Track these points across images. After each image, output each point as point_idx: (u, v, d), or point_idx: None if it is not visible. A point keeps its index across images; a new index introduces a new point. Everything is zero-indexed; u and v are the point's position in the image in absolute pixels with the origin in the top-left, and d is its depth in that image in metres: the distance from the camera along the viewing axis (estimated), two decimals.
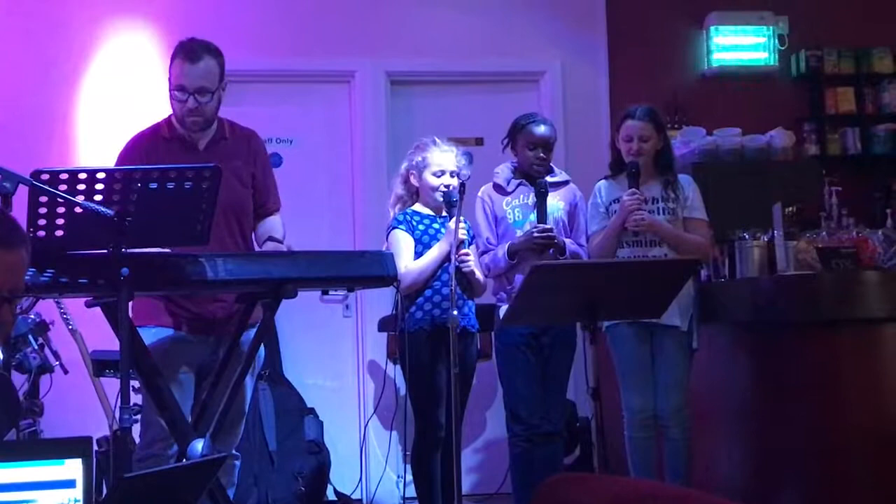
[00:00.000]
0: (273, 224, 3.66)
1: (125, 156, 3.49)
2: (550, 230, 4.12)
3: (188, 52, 3.44)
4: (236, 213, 3.52)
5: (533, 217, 4.20)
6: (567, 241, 4.22)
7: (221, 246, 3.31)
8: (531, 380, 4.15)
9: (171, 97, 3.48)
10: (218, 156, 3.49)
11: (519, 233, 4.20)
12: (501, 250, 4.18)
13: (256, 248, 3.63)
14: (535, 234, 4.10)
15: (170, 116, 3.57)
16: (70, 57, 5.51)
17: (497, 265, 4.19)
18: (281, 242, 3.56)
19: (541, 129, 4.27)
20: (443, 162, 4.09)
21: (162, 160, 3.38)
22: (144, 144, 3.51)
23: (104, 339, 3.76)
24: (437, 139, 4.16)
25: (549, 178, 4.25)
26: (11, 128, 5.31)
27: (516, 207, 4.27)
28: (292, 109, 5.78)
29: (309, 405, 5.29)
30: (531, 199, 4.23)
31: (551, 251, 4.14)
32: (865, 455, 3.56)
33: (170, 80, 3.48)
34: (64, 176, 2.70)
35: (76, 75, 5.52)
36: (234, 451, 3.52)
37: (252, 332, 3.41)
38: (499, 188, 4.31)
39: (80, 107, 5.51)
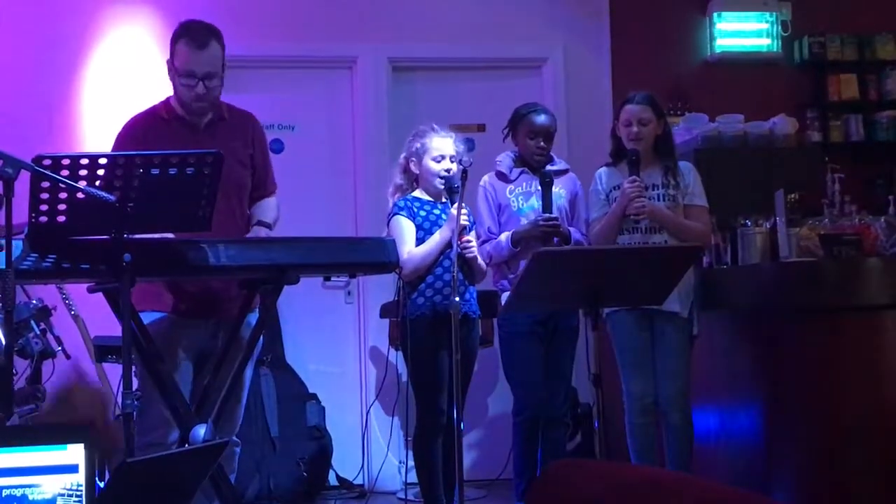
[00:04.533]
0: (266, 207, 3.65)
1: (122, 139, 3.47)
2: (556, 220, 4.13)
3: (195, 36, 3.41)
4: (238, 194, 3.52)
5: (535, 203, 4.20)
6: (571, 229, 4.23)
7: (222, 227, 3.30)
8: (536, 367, 4.17)
9: (178, 82, 3.45)
10: (218, 136, 3.49)
11: (522, 220, 4.21)
12: (505, 237, 4.19)
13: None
14: (541, 223, 4.11)
15: (168, 98, 3.56)
16: (72, 43, 5.49)
17: (500, 253, 4.20)
18: (269, 226, 3.56)
19: (541, 119, 4.28)
20: (442, 147, 4.09)
21: (161, 141, 3.37)
22: (141, 127, 3.49)
23: (106, 324, 3.77)
24: (434, 125, 4.16)
25: (549, 167, 4.27)
26: (14, 114, 5.30)
27: (519, 195, 4.28)
28: (294, 95, 5.77)
29: (311, 391, 5.30)
30: (534, 186, 4.24)
31: (556, 240, 4.15)
32: (865, 442, 3.57)
33: (174, 64, 3.45)
34: (66, 161, 2.70)
35: (78, 61, 5.50)
36: (234, 438, 3.52)
37: (253, 316, 3.42)
38: (501, 176, 4.32)
39: (83, 93, 5.50)
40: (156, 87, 4.50)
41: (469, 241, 3.99)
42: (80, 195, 2.70)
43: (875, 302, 3.60)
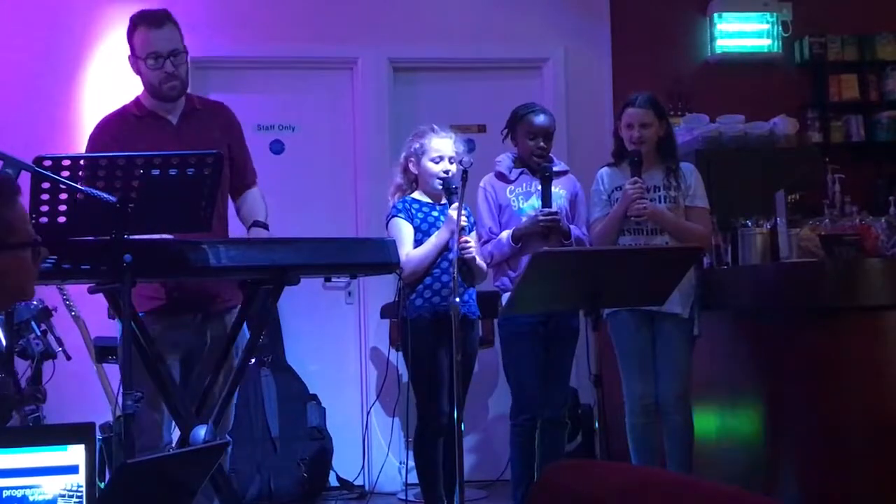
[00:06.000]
0: (254, 202, 3.63)
1: (95, 140, 3.45)
2: (556, 213, 4.12)
3: (151, 20, 3.42)
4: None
5: (536, 202, 4.20)
6: (572, 226, 4.23)
7: None
8: (535, 368, 4.16)
9: (144, 68, 3.42)
10: (192, 128, 3.48)
11: (523, 219, 4.20)
12: (506, 235, 4.18)
13: (244, 229, 3.61)
14: (541, 218, 4.11)
15: (137, 97, 3.54)
16: (72, 43, 5.49)
17: (501, 251, 4.20)
18: (266, 226, 3.54)
19: (540, 119, 4.27)
20: (441, 148, 4.08)
21: (134, 138, 3.36)
22: (113, 126, 3.48)
23: (107, 325, 3.77)
24: (435, 126, 4.15)
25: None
26: (14, 115, 5.31)
27: (520, 195, 4.28)
28: (294, 96, 5.77)
29: (311, 392, 5.30)
30: (534, 186, 4.24)
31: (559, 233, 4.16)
32: (867, 442, 3.56)
33: (134, 52, 3.44)
34: (66, 162, 2.70)
35: (78, 61, 5.51)
36: (226, 437, 3.50)
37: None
38: (501, 176, 4.32)
39: (83, 93, 5.50)
40: None
41: (468, 242, 3.98)
42: (80, 196, 2.70)
43: (876, 302, 3.60)
